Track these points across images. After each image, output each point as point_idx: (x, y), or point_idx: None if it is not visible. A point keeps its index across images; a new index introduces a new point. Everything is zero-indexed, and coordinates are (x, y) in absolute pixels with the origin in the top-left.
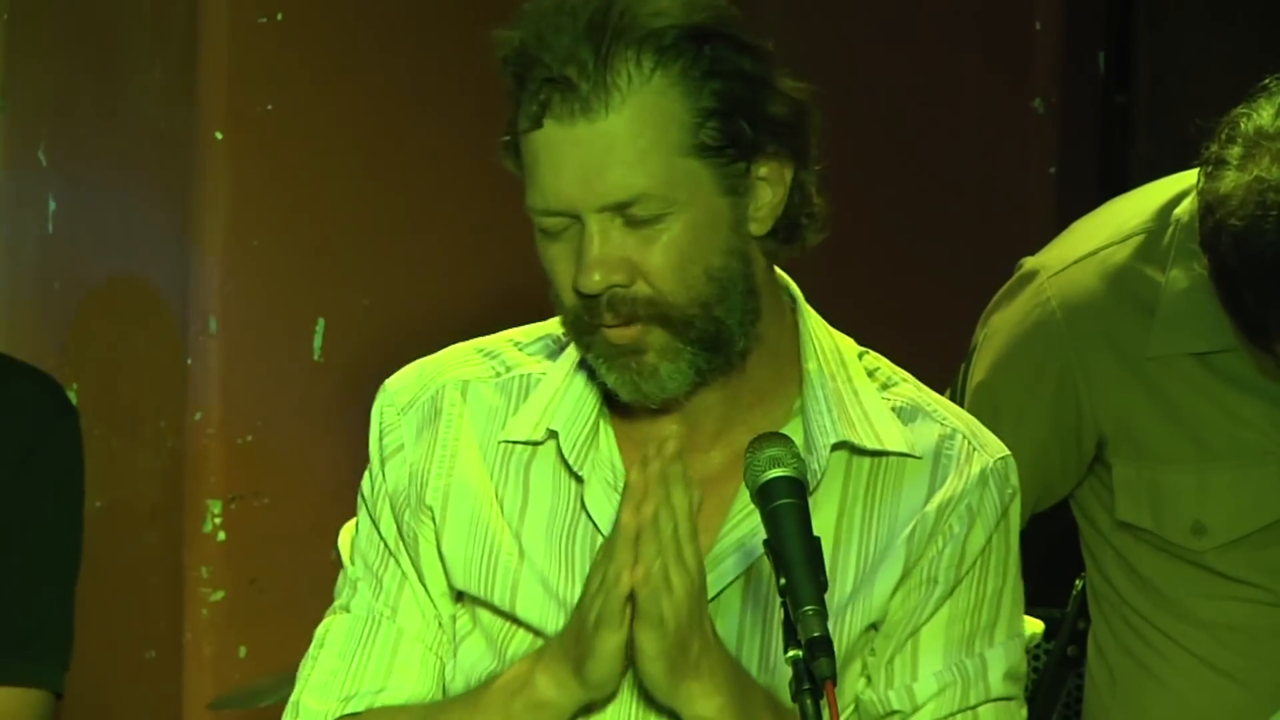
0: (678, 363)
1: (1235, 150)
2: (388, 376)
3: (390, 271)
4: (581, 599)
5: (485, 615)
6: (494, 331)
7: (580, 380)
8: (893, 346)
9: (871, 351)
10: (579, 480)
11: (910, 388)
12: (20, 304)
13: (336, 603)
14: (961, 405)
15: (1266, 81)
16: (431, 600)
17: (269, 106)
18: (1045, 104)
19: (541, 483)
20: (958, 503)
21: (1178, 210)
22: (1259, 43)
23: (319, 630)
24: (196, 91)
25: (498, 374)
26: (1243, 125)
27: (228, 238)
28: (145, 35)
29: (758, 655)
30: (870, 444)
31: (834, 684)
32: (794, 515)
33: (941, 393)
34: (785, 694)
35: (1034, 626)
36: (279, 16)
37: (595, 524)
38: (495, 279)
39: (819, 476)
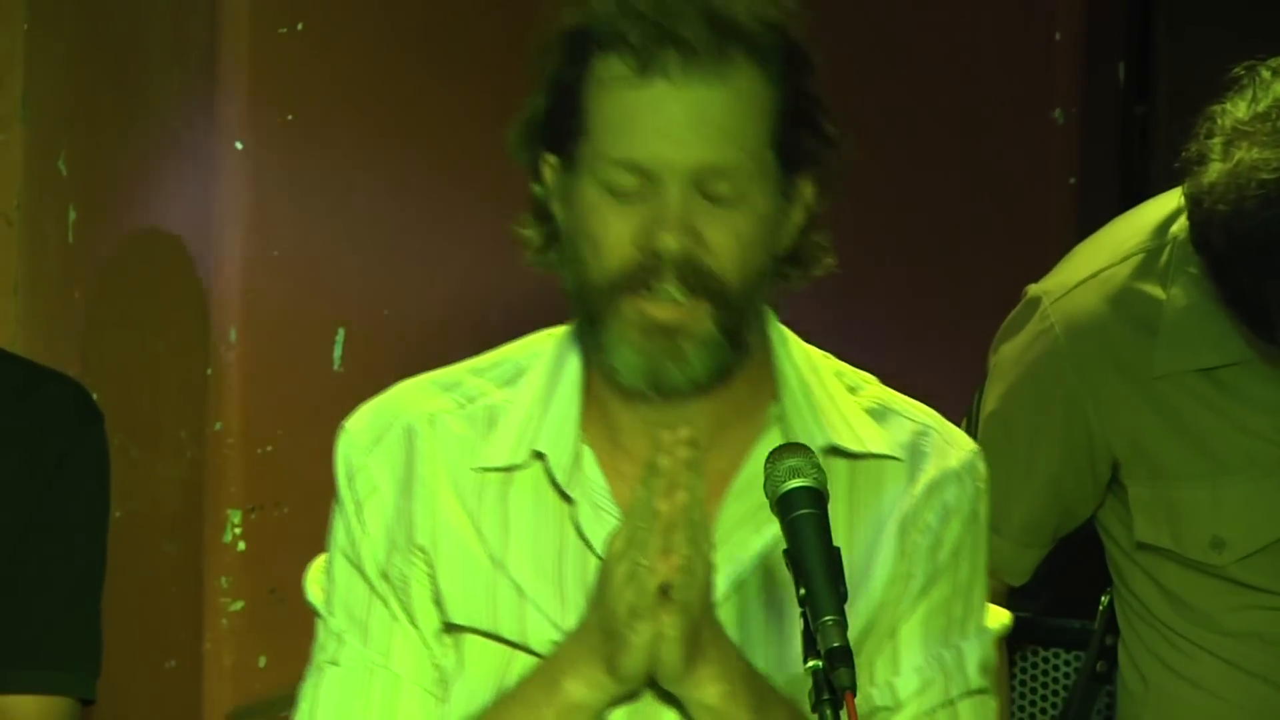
0: (709, 353)
1: (1216, 142)
2: None
3: (410, 281)
4: (604, 594)
5: (479, 647)
6: (515, 340)
7: (558, 404)
8: (912, 358)
9: (831, 356)
10: (568, 501)
11: (877, 388)
12: (41, 314)
13: (320, 657)
14: (975, 434)
15: (1236, 72)
16: (424, 642)
17: (289, 117)
18: (1065, 114)
19: (522, 508)
20: (933, 497)
21: (1174, 228)
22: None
23: (305, 689)
24: (216, 101)
25: (461, 405)
26: (1219, 120)
27: (248, 248)
28: (165, 45)
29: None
30: (855, 447)
31: (854, 694)
32: (814, 525)
33: (961, 418)
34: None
35: (1001, 617)
36: (299, 27)
37: (590, 546)
38: (515, 288)
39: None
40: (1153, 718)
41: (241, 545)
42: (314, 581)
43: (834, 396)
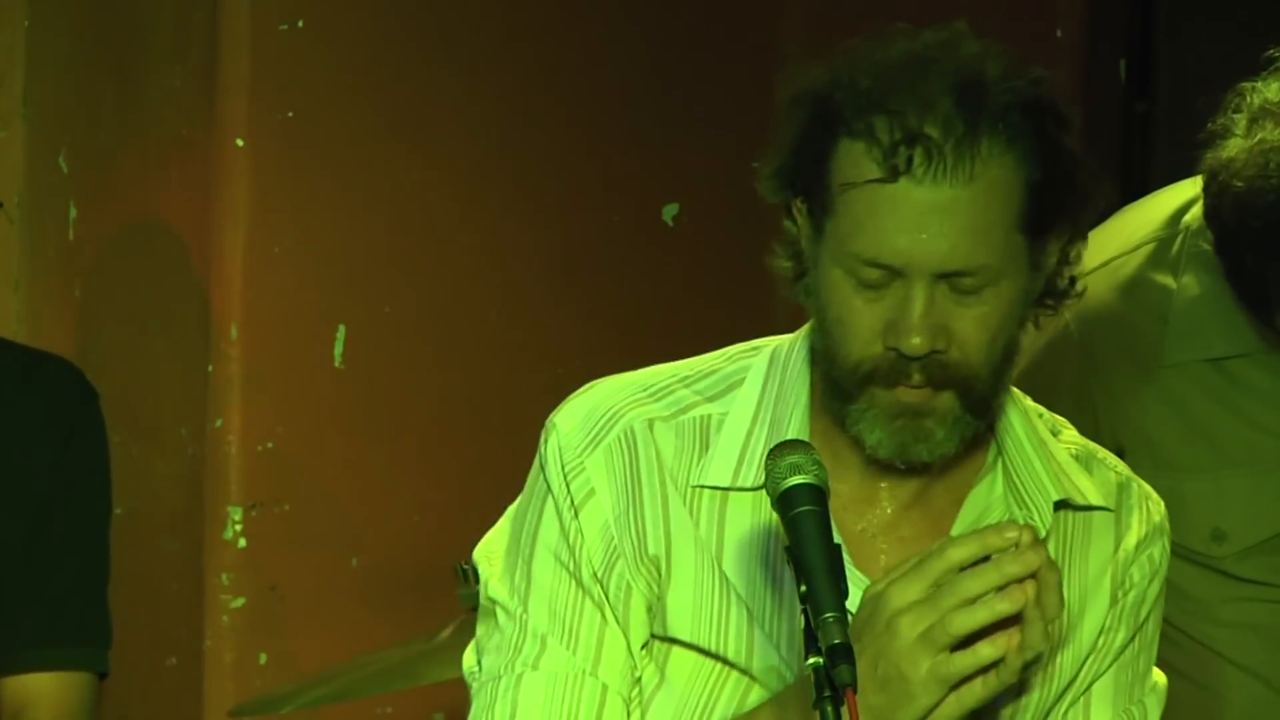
0: (955, 429)
1: (1241, 119)
2: (408, 383)
3: (411, 279)
4: (890, 647)
5: (689, 662)
6: (517, 337)
7: (791, 425)
8: None
9: (1019, 391)
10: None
11: (1074, 433)
12: (41, 310)
13: (515, 658)
14: None
15: (1272, 52)
16: (631, 651)
17: (290, 114)
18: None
19: (739, 528)
20: (1142, 552)
21: (1186, 217)
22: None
23: (500, 689)
24: (217, 99)
25: (674, 414)
26: (1249, 98)
27: (248, 245)
28: (166, 42)
29: None
30: (1080, 500)
31: (854, 691)
32: (815, 522)
33: None
34: None
35: (1159, 677)
36: (300, 24)
37: None
38: (516, 286)
39: (1044, 535)
40: None
41: (242, 542)
42: (493, 566)
43: (1045, 442)
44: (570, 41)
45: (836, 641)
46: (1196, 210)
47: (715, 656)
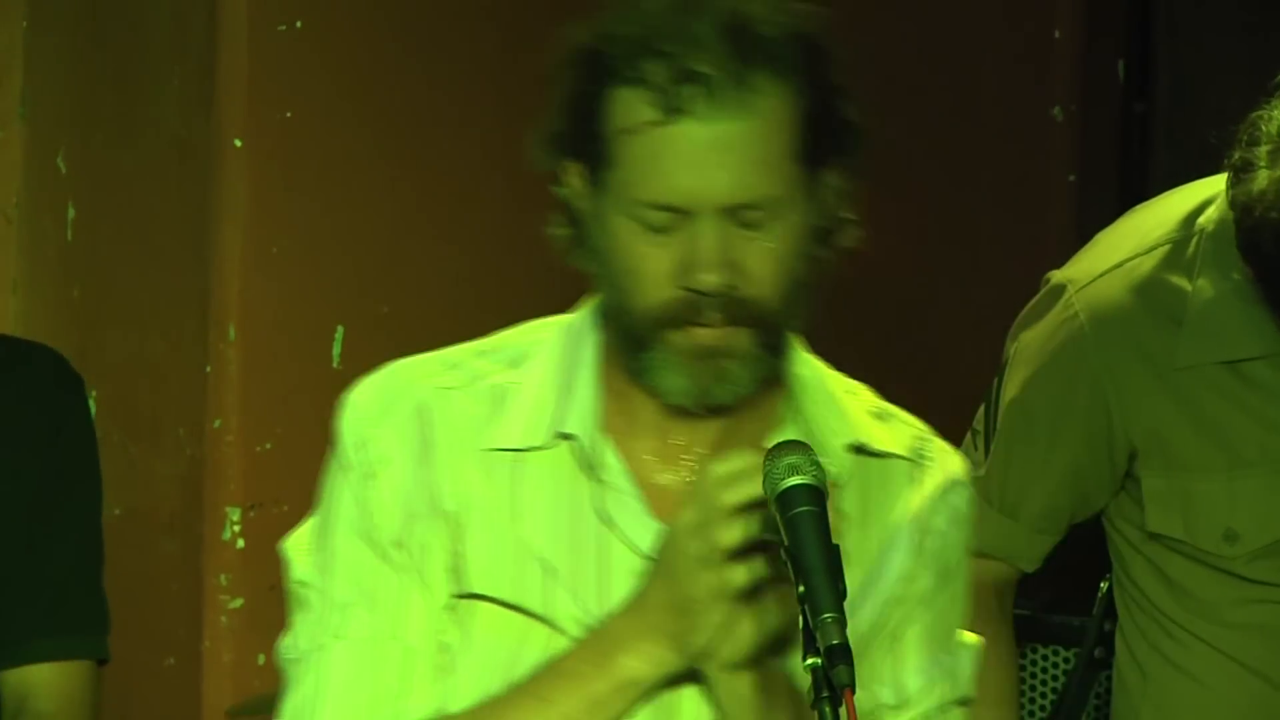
0: (752, 368)
1: (1262, 150)
2: None
3: (409, 279)
4: (676, 572)
5: (492, 619)
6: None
7: (580, 391)
8: (912, 354)
9: (812, 356)
10: (594, 483)
11: (871, 393)
12: (40, 311)
13: (321, 633)
14: (995, 421)
15: (1279, 80)
16: (433, 612)
17: (288, 114)
18: (1065, 112)
19: (539, 489)
20: (943, 500)
21: (1201, 219)
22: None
23: (305, 667)
24: (215, 99)
25: (467, 383)
26: (1264, 126)
27: (247, 245)
28: (164, 43)
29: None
30: (876, 445)
31: (853, 692)
32: (813, 523)
33: (977, 404)
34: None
35: (973, 637)
36: (298, 24)
37: (615, 528)
38: (515, 286)
39: (844, 478)
40: (1148, 708)
41: (240, 543)
42: (300, 552)
43: (839, 397)
44: (569, 42)
45: (835, 642)
46: (1211, 212)
47: (515, 608)
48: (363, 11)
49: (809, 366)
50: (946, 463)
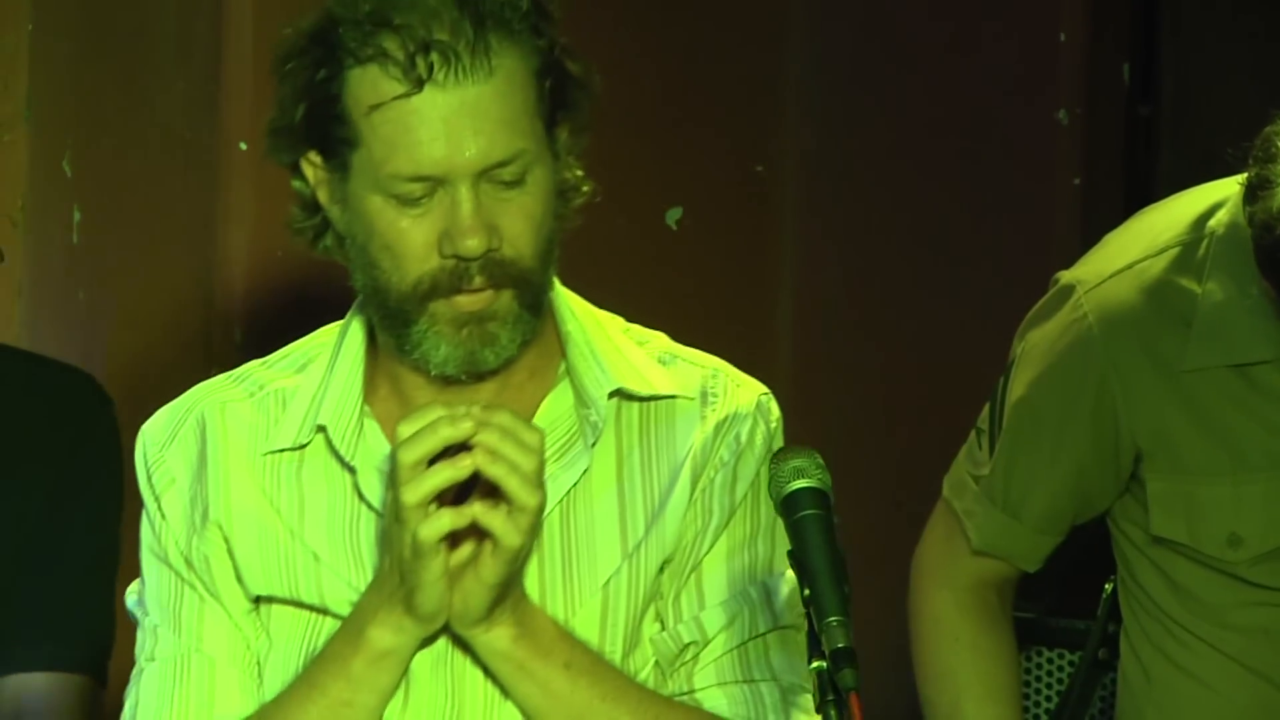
0: (516, 329)
1: (1278, 167)
2: None
3: None
4: (390, 535)
5: (285, 618)
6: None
7: (339, 382)
8: (916, 356)
9: (619, 318)
10: (351, 471)
11: (666, 342)
12: (45, 315)
13: (140, 658)
14: (1000, 420)
15: None
16: (233, 620)
17: None
18: (1070, 115)
19: (314, 482)
20: (726, 433)
21: (1211, 222)
22: None
23: (128, 692)
24: (221, 102)
25: (251, 394)
26: (1278, 142)
27: (252, 248)
28: (169, 46)
29: None
30: (644, 390)
31: (859, 695)
32: (819, 526)
33: (980, 406)
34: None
35: (792, 579)
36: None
37: (375, 510)
38: None
39: (599, 428)
40: (1152, 710)
41: None
42: (131, 593)
43: (620, 348)
44: (571, 44)
45: (840, 645)
46: (1222, 215)
47: (296, 603)
48: None
49: (576, 322)
50: (734, 397)
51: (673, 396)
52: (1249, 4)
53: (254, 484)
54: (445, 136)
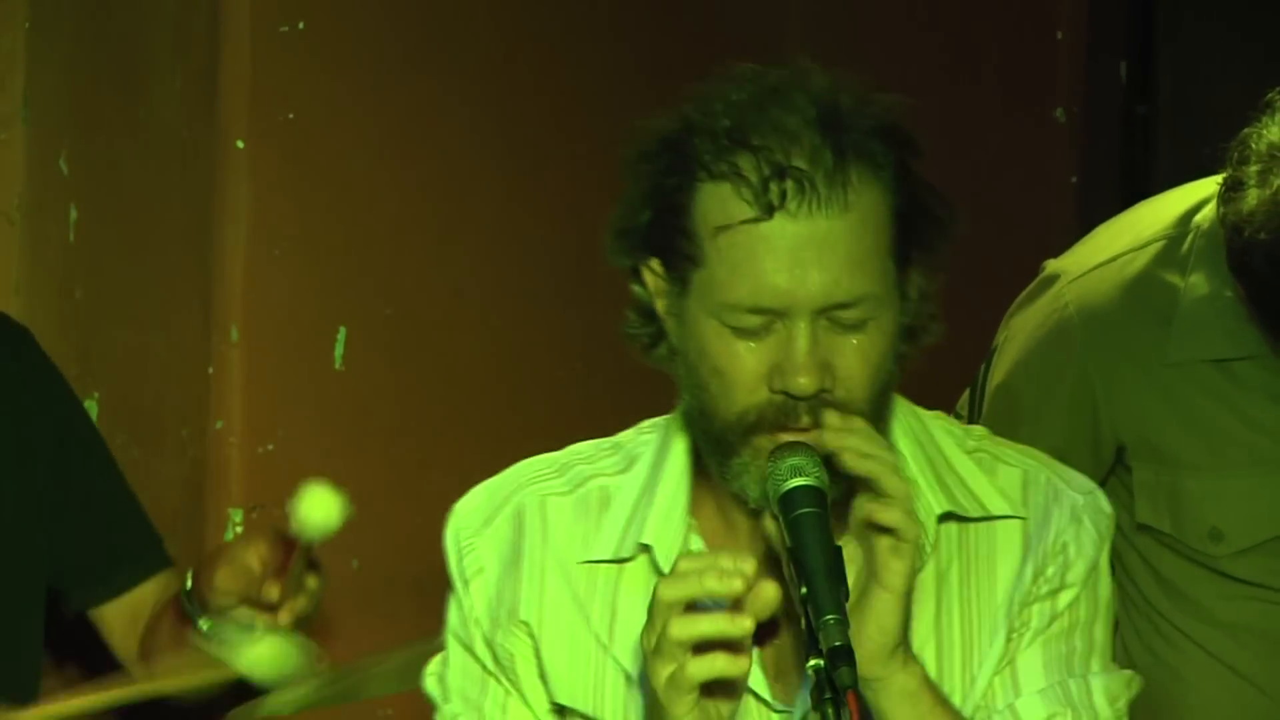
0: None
1: (1252, 169)
2: (409, 385)
3: (412, 281)
4: (647, 664)
5: None
6: (517, 347)
7: (663, 496)
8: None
9: (941, 413)
10: None
11: (984, 437)
12: (42, 313)
13: None
14: (980, 406)
15: (1269, 97)
16: (537, 717)
17: (290, 115)
18: (1067, 113)
19: (631, 597)
20: (1053, 546)
21: (1197, 217)
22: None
23: None
24: (218, 100)
25: (573, 488)
26: (1254, 144)
27: (249, 247)
28: (167, 44)
29: None
30: (975, 511)
31: (855, 693)
32: (816, 524)
33: (961, 393)
34: None
35: (1125, 671)
36: (300, 25)
37: None
38: (518, 289)
39: (927, 551)
40: (1139, 707)
41: None
42: (431, 673)
43: (949, 458)
44: (570, 44)
45: (837, 644)
46: (1208, 210)
47: None
48: (365, 13)
49: (907, 441)
50: (1063, 508)
51: (1000, 517)
52: (1245, 3)
53: (568, 588)
54: (790, 269)
